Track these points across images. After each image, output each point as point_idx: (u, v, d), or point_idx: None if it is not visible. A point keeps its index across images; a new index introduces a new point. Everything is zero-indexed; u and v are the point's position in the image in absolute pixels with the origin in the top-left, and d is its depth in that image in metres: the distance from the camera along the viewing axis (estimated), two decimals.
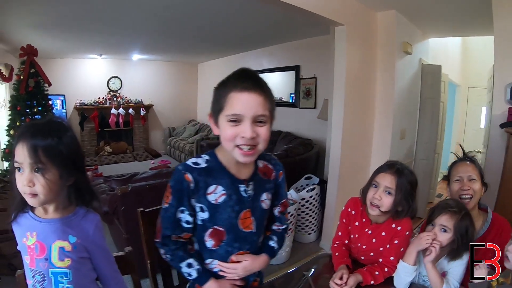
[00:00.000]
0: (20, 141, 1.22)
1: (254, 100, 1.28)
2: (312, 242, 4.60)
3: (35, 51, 5.71)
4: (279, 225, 1.72)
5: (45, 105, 5.97)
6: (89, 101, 9.68)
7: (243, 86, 1.27)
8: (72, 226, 1.35)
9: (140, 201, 2.08)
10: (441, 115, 5.92)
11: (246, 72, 1.35)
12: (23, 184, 1.24)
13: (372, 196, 1.79)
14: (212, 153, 1.49)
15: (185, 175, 1.39)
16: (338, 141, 4.05)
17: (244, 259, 1.53)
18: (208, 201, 1.42)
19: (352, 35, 3.90)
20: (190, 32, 6.13)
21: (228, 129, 1.30)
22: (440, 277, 1.61)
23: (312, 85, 6.55)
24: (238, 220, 1.48)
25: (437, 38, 5.83)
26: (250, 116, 1.28)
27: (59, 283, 1.33)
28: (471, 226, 1.64)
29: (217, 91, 1.35)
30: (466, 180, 1.94)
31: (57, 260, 1.31)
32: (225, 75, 1.27)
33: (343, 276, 1.69)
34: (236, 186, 1.45)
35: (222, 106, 1.30)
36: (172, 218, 1.45)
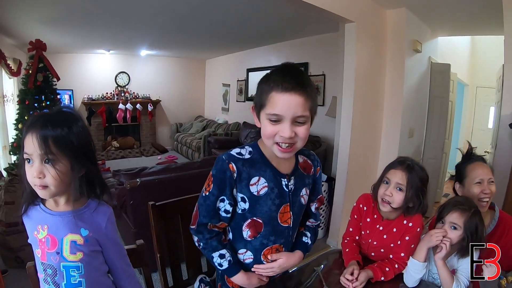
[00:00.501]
0: (30, 132, 1.20)
1: (295, 101, 1.27)
2: (320, 239, 4.58)
3: (44, 45, 5.71)
4: (313, 222, 1.75)
5: (53, 100, 5.97)
6: (96, 96, 9.73)
7: (284, 86, 1.26)
8: (84, 219, 1.34)
9: (149, 195, 2.09)
10: (450, 115, 5.89)
11: (289, 70, 1.33)
12: (33, 176, 1.22)
13: (383, 193, 1.79)
14: (255, 145, 1.50)
15: (229, 165, 1.41)
16: (346, 138, 4.05)
17: (280, 257, 1.56)
18: (250, 192, 1.44)
19: (362, 33, 3.89)
20: (199, 28, 6.15)
21: (268, 126, 1.32)
22: (450, 274, 1.60)
23: (320, 82, 6.53)
24: (278, 214, 1.50)
25: (446, 37, 5.80)
26: (290, 117, 1.28)
27: (70, 276, 1.32)
28: (481, 224, 1.63)
29: (260, 85, 1.36)
30: (486, 183, 1.89)
31: (69, 253, 1.30)
32: (232, 72, 1.27)
33: (354, 271, 1.68)
34: (278, 179, 1.47)
35: (264, 104, 1.32)
36: (212, 206, 1.46)
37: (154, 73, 10.74)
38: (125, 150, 9.98)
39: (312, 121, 1.38)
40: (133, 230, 3.50)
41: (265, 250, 1.55)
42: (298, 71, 1.35)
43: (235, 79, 9.68)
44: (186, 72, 11.44)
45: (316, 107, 1.37)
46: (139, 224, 3.44)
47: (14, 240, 3.52)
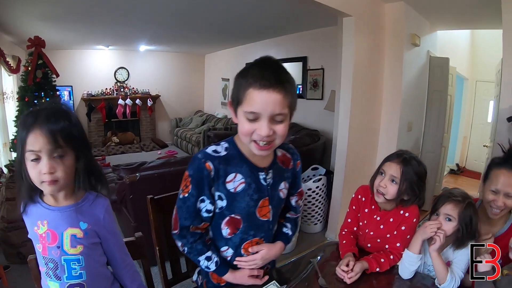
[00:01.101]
0: (34, 129, 1.19)
1: (273, 99, 1.23)
2: (318, 232, 4.62)
3: (43, 42, 5.71)
4: (293, 214, 1.76)
5: (53, 96, 5.96)
6: (96, 92, 9.73)
7: (262, 83, 1.22)
8: (83, 212, 1.36)
9: (148, 189, 2.10)
10: (449, 108, 5.89)
11: (267, 65, 1.28)
12: (42, 173, 1.21)
13: (378, 184, 1.81)
14: (231, 140, 1.48)
15: (205, 164, 1.38)
16: (345, 132, 4.06)
17: (261, 248, 1.55)
18: (227, 189, 1.42)
19: (360, 26, 3.89)
20: (198, 23, 6.14)
21: (246, 124, 1.29)
22: (445, 266, 1.61)
23: (319, 76, 6.54)
24: (256, 209, 1.49)
25: (445, 31, 5.80)
26: (268, 115, 1.25)
27: (71, 269, 1.34)
28: (475, 215, 1.64)
29: (238, 80, 1.31)
30: (502, 195, 1.76)
31: (69, 247, 1.32)
32: (232, 66, 1.26)
33: (349, 263, 1.70)
34: (255, 174, 1.46)
35: (241, 100, 1.27)
36: (192, 208, 1.44)
37: (153, 68, 10.74)
38: (125, 146, 9.99)
39: (291, 118, 1.36)
40: (133, 224, 3.52)
41: (245, 244, 1.55)
42: (278, 65, 1.31)
43: (234, 74, 9.43)
44: (185, 67, 11.42)
45: (295, 103, 1.35)
46: (139, 218, 3.46)
47: (15, 236, 3.54)
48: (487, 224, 1.86)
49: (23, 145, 1.21)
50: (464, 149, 8.71)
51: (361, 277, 1.68)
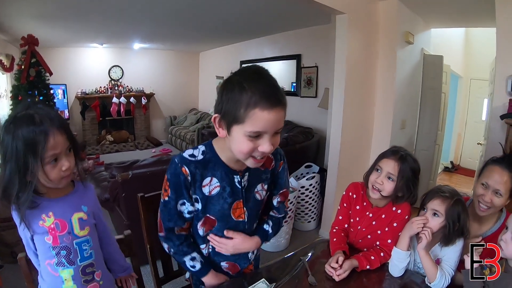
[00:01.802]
0: (51, 133, 1.24)
1: (279, 117, 1.21)
2: (312, 230, 4.63)
3: (36, 40, 5.70)
4: (276, 213, 1.73)
5: (47, 95, 5.97)
6: (90, 90, 9.67)
7: (270, 103, 1.16)
8: (81, 197, 1.47)
9: (141, 187, 2.09)
10: (442, 106, 5.90)
11: (265, 79, 1.22)
12: (62, 170, 1.30)
13: (374, 180, 1.81)
14: (209, 144, 1.47)
15: (182, 168, 1.38)
16: (338, 130, 4.05)
17: (236, 236, 1.55)
18: (202, 193, 1.43)
19: (354, 24, 3.88)
20: (192, 21, 6.12)
21: (245, 143, 1.24)
22: (434, 264, 1.61)
23: (313, 74, 6.54)
24: (231, 210, 1.49)
25: (439, 29, 5.81)
26: (272, 132, 1.23)
27: (83, 250, 1.45)
28: (464, 213, 1.63)
29: (231, 95, 1.21)
30: (491, 191, 1.77)
31: (79, 230, 1.43)
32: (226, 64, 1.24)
33: (339, 259, 1.70)
34: (230, 177, 1.45)
35: (241, 119, 1.20)
36: (173, 210, 1.45)
37: (148, 66, 10.70)
38: (120, 144, 9.95)
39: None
40: (125, 222, 3.51)
41: (225, 232, 1.56)
42: (274, 79, 1.25)
43: (228, 72, 9.37)
44: (179, 65, 11.40)
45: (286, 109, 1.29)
46: (131, 217, 3.44)
47: (9, 235, 3.52)
48: (477, 222, 1.87)
49: (37, 155, 1.23)
50: (458, 146, 8.74)
51: (351, 275, 1.68)
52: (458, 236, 1.64)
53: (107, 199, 3.64)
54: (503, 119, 3.16)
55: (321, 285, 1.61)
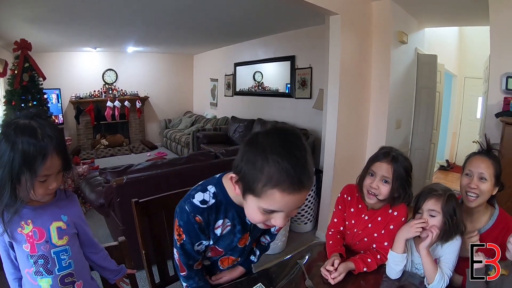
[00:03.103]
0: (49, 154, 1.24)
1: (300, 199, 1.10)
2: (308, 231, 4.61)
3: (29, 45, 5.67)
4: (267, 240, 1.75)
5: (40, 99, 5.94)
6: (84, 95, 9.63)
7: (292, 187, 1.04)
8: (61, 207, 1.45)
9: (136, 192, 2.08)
10: (437, 105, 5.92)
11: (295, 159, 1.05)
12: (50, 189, 1.32)
13: (369, 185, 1.79)
14: (219, 183, 1.38)
15: (195, 218, 1.33)
16: (333, 130, 4.04)
17: (222, 276, 1.65)
18: (214, 234, 1.41)
19: (347, 25, 3.88)
20: (185, 23, 6.11)
21: (257, 214, 1.16)
22: (434, 264, 1.60)
23: (307, 75, 6.56)
24: (238, 242, 1.50)
25: (433, 28, 5.82)
26: (289, 211, 1.14)
27: (61, 260, 1.42)
28: (458, 206, 1.65)
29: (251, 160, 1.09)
30: (475, 177, 1.80)
31: (57, 239, 1.40)
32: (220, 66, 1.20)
33: (334, 262, 1.68)
34: (242, 216, 1.40)
35: (257, 193, 1.10)
36: (190, 250, 1.43)
37: (142, 69, 10.68)
38: (114, 148, 9.91)
39: None
40: (121, 227, 3.48)
41: (222, 259, 1.60)
42: (305, 149, 1.10)
43: (223, 74, 9.66)
44: (173, 68, 11.38)
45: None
46: (127, 222, 3.41)
47: None
48: (470, 221, 1.87)
49: (33, 170, 1.23)
50: (453, 145, 8.75)
51: (348, 278, 1.67)
52: (456, 231, 1.64)
53: (102, 204, 3.61)
54: (498, 117, 3.16)
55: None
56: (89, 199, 3.85)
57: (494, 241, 1.70)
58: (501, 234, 1.76)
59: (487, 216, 1.87)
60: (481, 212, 1.87)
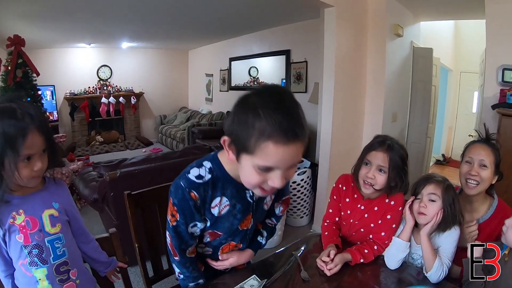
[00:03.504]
0: (30, 132, 1.21)
1: (295, 152, 1.08)
2: (304, 225, 4.60)
3: (22, 41, 5.63)
4: (273, 222, 1.73)
5: (34, 96, 5.90)
6: (79, 91, 9.59)
7: (287, 137, 1.03)
8: (52, 194, 1.44)
9: (129, 186, 2.04)
10: (433, 99, 5.92)
11: (285, 105, 1.06)
12: (35, 170, 1.28)
13: (365, 175, 1.76)
14: (215, 159, 1.36)
15: (190, 194, 1.29)
16: (328, 124, 4.02)
17: (231, 256, 1.56)
18: (211, 214, 1.37)
19: (342, 17, 3.85)
20: (180, 18, 6.09)
21: (254, 175, 1.13)
22: (434, 251, 1.59)
23: (303, 69, 6.55)
24: (240, 223, 1.46)
25: (429, 22, 5.81)
26: (286, 167, 1.12)
27: (56, 248, 1.41)
28: (456, 196, 1.64)
29: (243, 118, 1.07)
30: (476, 164, 1.80)
31: (50, 227, 1.39)
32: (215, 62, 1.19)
33: (330, 253, 1.66)
34: (242, 193, 1.38)
35: (251, 150, 1.08)
36: (184, 233, 1.39)
37: (136, 65, 10.63)
38: (110, 144, 9.89)
39: None
40: (115, 222, 3.45)
41: (223, 246, 1.55)
42: (295, 102, 1.10)
43: (218, 69, 9.65)
44: (168, 64, 11.35)
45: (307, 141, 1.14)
46: (121, 216, 3.37)
47: None
48: (469, 211, 1.86)
49: (15, 150, 1.21)
50: (449, 139, 8.78)
51: (345, 269, 1.65)
52: (454, 221, 1.62)
53: (96, 199, 3.58)
54: (495, 109, 3.16)
55: (314, 281, 1.58)
56: (83, 194, 3.83)
57: (492, 231, 1.71)
58: (500, 224, 1.72)
59: (486, 206, 1.86)
60: (480, 201, 1.86)
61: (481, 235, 1.77)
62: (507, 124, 2.97)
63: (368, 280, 1.62)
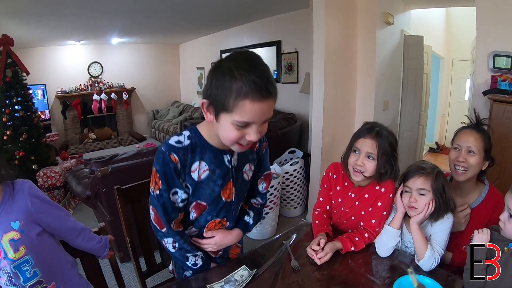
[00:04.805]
0: None
1: (268, 107, 1.21)
2: (298, 216, 4.61)
3: (11, 40, 5.59)
4: (259, 201, 1.73)
5: (25, 95, 5.87)
6: (70, 89, 9.54)
7: (261, 94, 1.15)
8: (8, 211, 1.31)
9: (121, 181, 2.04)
10: (425, 87, 5.92)
11: (256, 67, 1.18)
12: None
13: (354, 162, 1.76)
14: (194, 129, 1.44)
15: (170, 156, 1.34)
16: (319, 113, 4.01)
17: (216, 234, 1.56)
18: (192, 179, 1.41)
19: (331, 5, 3.82)
20: (169, 11, 6.05)
21: (233, 131, 1.23)
22: (425, 240, 1.58)
23: (294, 60, 6.54)
24: (221, 192, 1.48)
25: (419, 10, 5.80)
26: (260, 122, 1.24)
27: (24, 272, 1.34)
28: (446, 183, 1.63)
29: (220, 81, 1.19)
30: (463, 151, 1.81)
31: (13, 253, 1.30)
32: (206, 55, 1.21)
33: (320, 242, 1.66)
34: (220, 158, 1.44)
35: (229, 108, 1.19)
36: (168, 203, 1.41)
37: (127, 61, 10.59)
38: (103, 141, 9.85)
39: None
40: (108, 218, 3.45)
41: (209, 224, 1.56)
42: (265, 64, 1.22)
43: (209, 62, 9.61)
44: (159, 58, 11.31)
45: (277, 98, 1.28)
46: (114, 212, 3.37)
47: None
48: (461, 197, 1.85)
49: None
50: (442, 127, 8.80)
51: (336, 258, 1.65)
52: (446, 208, 1.61)
53: (88, 196, 3.57)
54: (486, 95, 3.16)
55: (304, 269, 1.57)
56: (76, 192, 3.82)
57: (484, 217, 1.71)
58: (491, 209, 1.76)
59: (477, 192, 1.87)
60: (471, 187, 1.87)
61: (473, 221, 1.78)
62: (498, 110, 2.96)
63: (360, 268, 1.61)
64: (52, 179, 5.19)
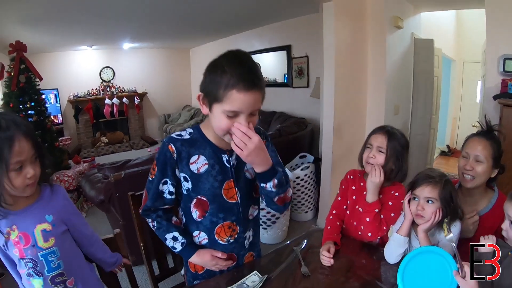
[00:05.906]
0: (16, 139, 1.23)
1: (254, 98, 1.30)
2: (309, 220, 4.63)
3: (24, 46, 5.65)
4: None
5: (38, 100, 5.93)
6: (82, 93, 9.61)
7: (245, 85, 1.27)
8: (45, 206, 1.43)
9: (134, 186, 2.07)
10: (436, 90, 5.89)
11: (244, 63, 1.32)
12: (27, 177, 1.29)
13: (367, 156, 1.90)
14: (197, 127, 1.55)
15: (168, 146, 1.46)
16: (330, 118, 4.03)
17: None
18: (190, 171, 1.49)
19: (341, 11, 3.85)
20: (180, 17, 6.07)
21: (224, 120, 1.32)
22: None
23: (304, 64, 6.53)
24: (222, 191, 1.52)
25: (430, 13, 5.78)
26: (248, 112, 1.32)
27: (50, 262, 1.43)
28: (454, 191, 1.64)
29: (213, 76, 1.33)
30: (471, 159, 1.82)
31: (43, 242, 1.40)
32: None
33: (330, 250, 1.72)
34: (218, 155, 1.51)
35: (220, 99, 1.30)
36: (154, 189, 1.51)
37: (139, 65, 10.63)
38: (115, 145, 9.90)
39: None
40: (121, 222, 3.49)
41: (217, 228, 1.58)
42: (252, 61, 1.35)
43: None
44: (171, 63, 11.33)
45: (264, 93, 1.38)
46: (127, 217, 3.41)
47: None
48: (469, 204, 1.86)
49: (3, 160, 1.22)
50: (454, 130, 8.73)
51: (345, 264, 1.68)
52: (454, 216, 1.63)
53: (102, 200, 3.62)
54: (496, 100, 3.14)
55: (314, 276, 1.60)
56: (89, 196, 3.86)
57: (493, 224, 1.71)
58: (500, 217, 1.72)
59: (486, 199, 1.87)
60: (480, 194, 1.88)
61: (481, 228, 1.78)
62: (509, 115, 2.94)
63: (368, 274, 1.62)
64: (65, 182, 5.25)
